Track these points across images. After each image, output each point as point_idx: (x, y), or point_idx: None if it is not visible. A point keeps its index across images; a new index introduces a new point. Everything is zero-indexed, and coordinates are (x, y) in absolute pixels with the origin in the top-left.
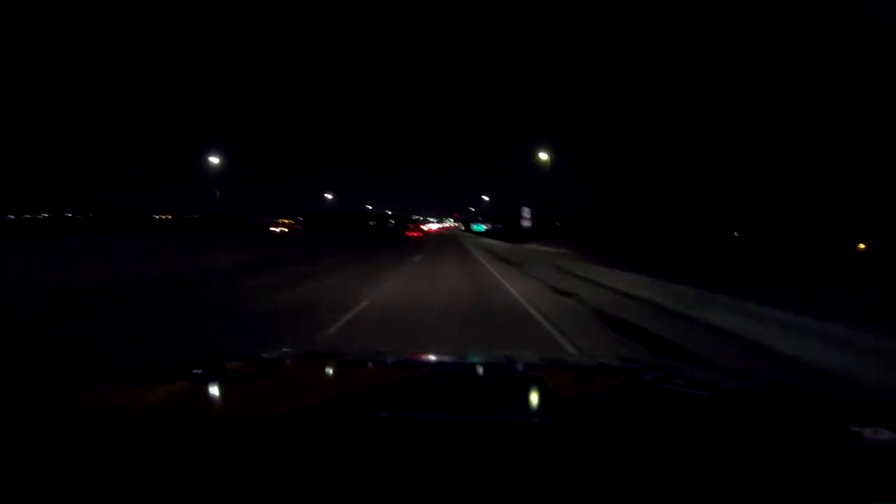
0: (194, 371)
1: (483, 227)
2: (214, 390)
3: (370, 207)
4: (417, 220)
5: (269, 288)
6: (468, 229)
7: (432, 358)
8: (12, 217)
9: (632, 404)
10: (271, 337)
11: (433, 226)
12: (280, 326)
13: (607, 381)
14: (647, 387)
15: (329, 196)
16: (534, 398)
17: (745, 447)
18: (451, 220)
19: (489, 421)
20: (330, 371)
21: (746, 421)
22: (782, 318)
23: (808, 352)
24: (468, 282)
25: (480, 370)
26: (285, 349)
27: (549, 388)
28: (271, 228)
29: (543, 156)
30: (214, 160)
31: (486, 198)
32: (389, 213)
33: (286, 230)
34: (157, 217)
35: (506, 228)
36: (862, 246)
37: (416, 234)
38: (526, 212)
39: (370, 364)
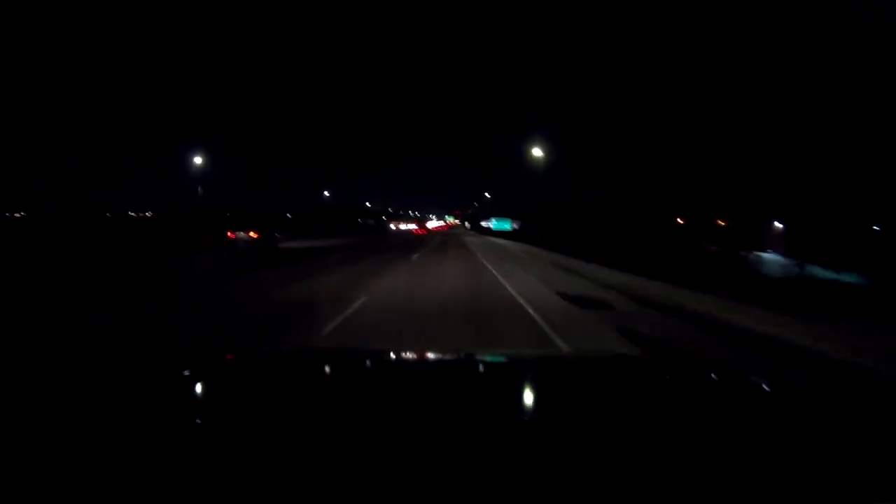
0: (191, 369)
1: (509, 225)
2: (211, 388)
3: (327, 194)
4: (417, 217)
5: None
6: (475, 227)
7: (431, 356)
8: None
9: (631, 401)
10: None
11: (431, 223)
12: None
13: (606, 378)
14: (646, 384)
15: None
16: (533, 396)
17: (744, 444)
18: (452, 217)
19: (489, 420)
20: (328, 370)
21: (744, 417)
22: None
23: None
24: None
25: (480, 368)
26: (283, 347)
27: (548, 385)
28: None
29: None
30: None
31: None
32: (368, 205)
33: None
34: (133, 215)
35: (528, 227)
36: None
37: (420, 232)
38: None
39: (367, 363)
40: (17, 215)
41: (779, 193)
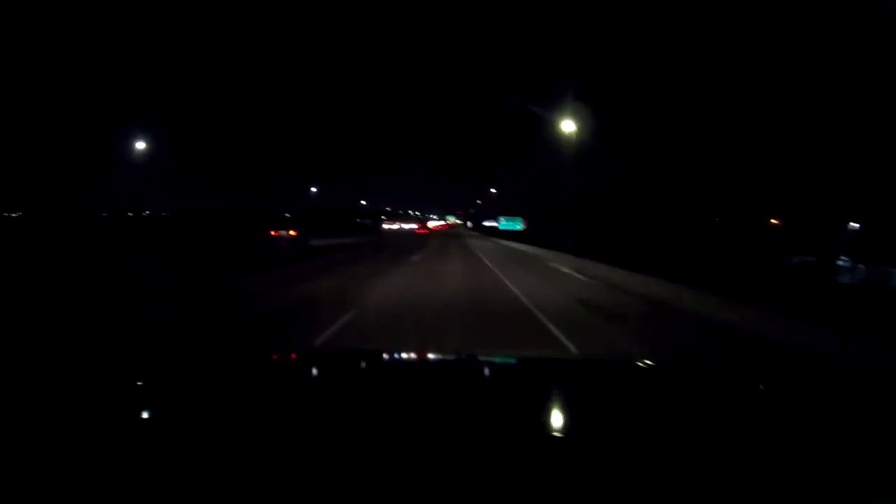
0: (192, 367)
1: (520, 225)
2: (213, 386)
3: (314, 190)
4: (418, 216)
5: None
6: (478, 228)
7: (433, 357)
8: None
9: (633, 403)
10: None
11: (432, 223)
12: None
13: (608, 380)
14: (649, 385)
15: None
16: (534, 397)
17: (748, 445)
18: (454, 217)
19: (489, 420)
20: (330, 370)
21: (749, 419)
22: None
23: None
24: None
25: (482, 370)
26: (286, 347)
27: (550, 386)
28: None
29: None
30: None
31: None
32: (364, 203)
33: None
34: (131, 215)
35: (538, 227)
36: None
37: (423, 232)
38: None
39: (369, 363)
40: (14, 215)
41: (853, 187)
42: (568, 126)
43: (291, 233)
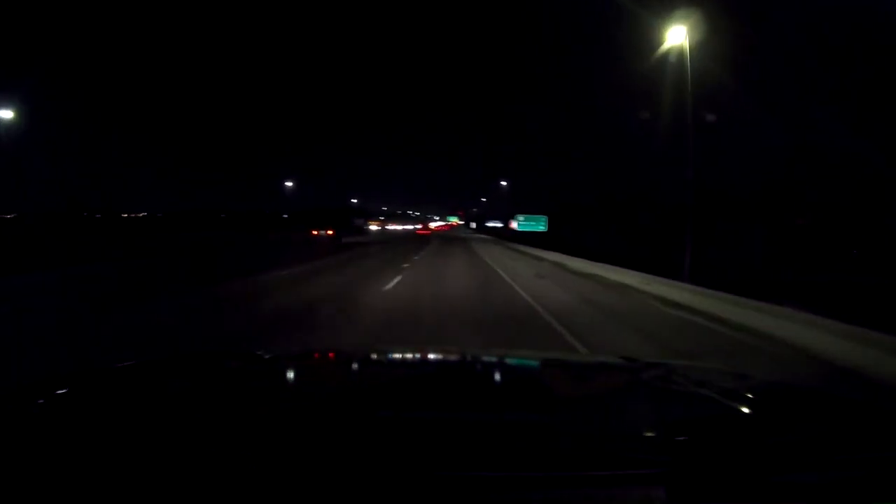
0: (193, 370)
1: (545, 225)
2: (213, 389)
3: (289, 184)
4: (417, 216)
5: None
6: (482, 229)
7: (433, 356)
8: None
9: (631, 403)
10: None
11: (433, 224)
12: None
13: (607, 379)
14: (646, 385)
15: None
16: (534, 397)
17: (746, 446)
18: (456, 218)
19: (489, 420)
20: (330, 370)
21: (747, 421)
22: None
23: None
24: None
25: (482, 368)
26: (284, 349)
27: (550, 386)
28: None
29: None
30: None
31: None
32: (355, 201)
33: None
34: (126, 216)
35: (563, 229)
36: None
37: (424, 232)
38: None
39: (370, 362)
40: (8, 216)
41: None
42: (677, 35)
43: (329, 232)
